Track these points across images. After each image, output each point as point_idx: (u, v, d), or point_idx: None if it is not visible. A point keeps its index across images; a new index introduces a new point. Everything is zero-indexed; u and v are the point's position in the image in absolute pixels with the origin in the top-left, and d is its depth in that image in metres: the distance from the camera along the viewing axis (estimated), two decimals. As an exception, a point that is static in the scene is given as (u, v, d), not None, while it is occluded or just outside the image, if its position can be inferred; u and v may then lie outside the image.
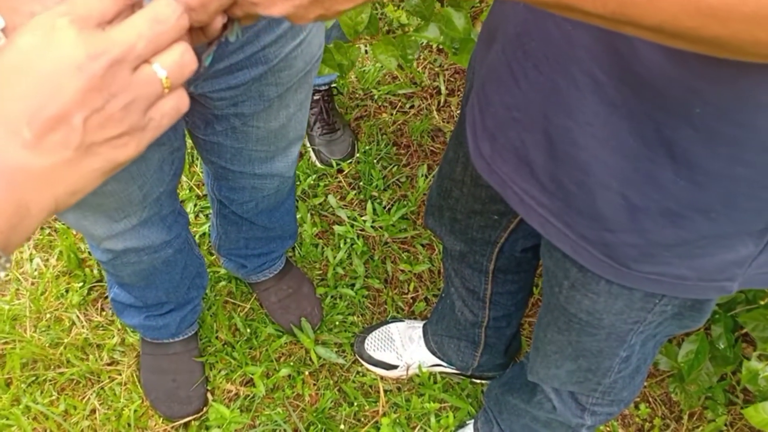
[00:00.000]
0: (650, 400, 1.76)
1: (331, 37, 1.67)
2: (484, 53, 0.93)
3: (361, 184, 2.02)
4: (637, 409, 1.73)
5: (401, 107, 2.19)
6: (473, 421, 1.64)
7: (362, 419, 1.70)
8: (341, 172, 2.05)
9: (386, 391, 1.73)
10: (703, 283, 0.81)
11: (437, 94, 2.21)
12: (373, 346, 1.75)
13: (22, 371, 1.71)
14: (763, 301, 1.44)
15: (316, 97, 2.02)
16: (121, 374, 1.73)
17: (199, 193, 1.99)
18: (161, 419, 1.68)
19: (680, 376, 1.58)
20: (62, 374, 1.72)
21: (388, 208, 1.99)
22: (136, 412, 1.68)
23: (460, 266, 1.40)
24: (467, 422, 1.67)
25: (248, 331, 1.80)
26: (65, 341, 1.76)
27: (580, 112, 0.73)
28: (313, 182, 2.01)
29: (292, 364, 1.76)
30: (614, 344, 1.02)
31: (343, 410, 1.70)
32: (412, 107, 2.19)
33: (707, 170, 0.68)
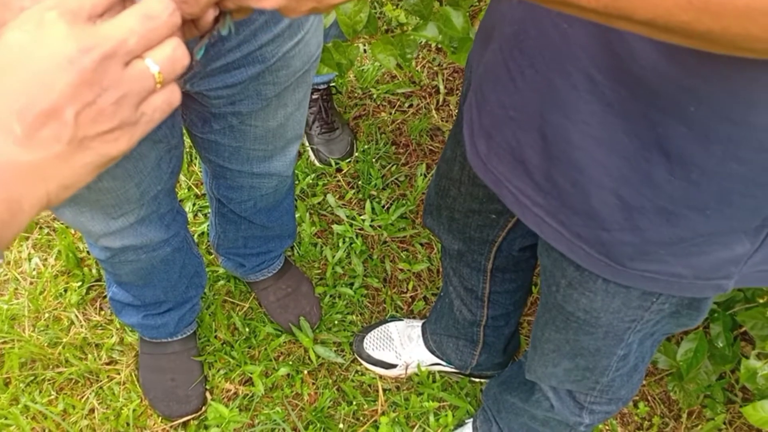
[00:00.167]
0: (649, 398, 1.76)
1: (329, 36, 1.67)
2: (481, 52, 0.93)
3: (359, 183, 2.02)
4: (636, 407, 1.73)
5: (400, 106, 2.19)
6: (472, 420, 1.64)
7: (361, 418, 1.70)
8: (340, 171, 2.05)
9: (385, 390, 1.73)
10: (699, 281, 0.81)
11: (436, 93, 2.21)
12: (372, 345, 1.75)
13: (20, 371, 1.71)
14: (761, 299, 1.44)
15: (314, 96, 2.02)
16: (119, 373, 1.73)
17: (197, 192, 1.98)
18: (160, 418, 1.68)
19: (679, 374, 1.58)
20: (61, 374, 1.72)
21: (387, 207, 1.99)
22: (134, 411, 1.68)
23: (458, 265, 1.40)
24: (466, 421, 1.67)
25: (247, 330, 1.80)
26: (64, 341, 1.76)
27: (575, 110, 0.73)
28: (311, 181, 2.01)
29: (291, 363, 1.75)
30: (612, 343, 1.02)
31: (342, 409, 1.70)
32: (410, 106, 2.19)
33: (702, 168, 0.68)
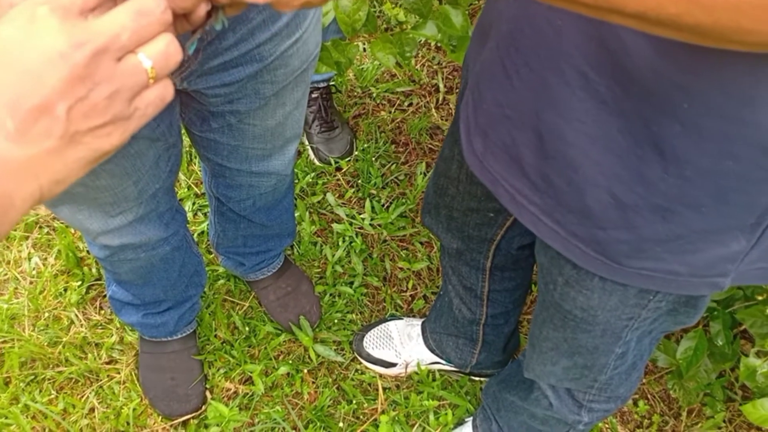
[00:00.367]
0: (649, 396, 1.75)
1: (328, 34, 1.67)
2: (478, 50, 0.93)
3: (359, 182, 2.02)
4: (635, 405, 1.73)
5: (399, 105, 2.19)
6: (472, 418, 1.64)
7: (361, 417, 1.70)
8: (340, 170, 2.05)
9: (385, 388, 1.73)
10: (695, 278, 0.81)
11: (435, 91, 2.21)
12: (371, 344, 1.75)
13: (20, 370, 1.72)
14: (761, 297, 1.44)
15: (314, 94, 2.02)
16: (119, 373, 1.74)
17: (197, 191, 1.99)
18: (160, 417, 1.68)
19: (679, 372, 1.58)
20: (61, 373, 1.72)
21: (386, 206, 1.99)
22: (134, 410, 1.68)
23: (457, 264, 1.40)
24: (466, 419, 1.67)
25: (247, 329, 1.80)
26: (64, 340, 1.76)
27: (570, 109, 0.73)
28: (311, 180, 2.01)
29: (290, 362, 1.76)
30: (609, 341, 1.02)
31: (341, 408, 1.70)
32: (410, 105, 2.19)
33: (696, 165, 0.68)
